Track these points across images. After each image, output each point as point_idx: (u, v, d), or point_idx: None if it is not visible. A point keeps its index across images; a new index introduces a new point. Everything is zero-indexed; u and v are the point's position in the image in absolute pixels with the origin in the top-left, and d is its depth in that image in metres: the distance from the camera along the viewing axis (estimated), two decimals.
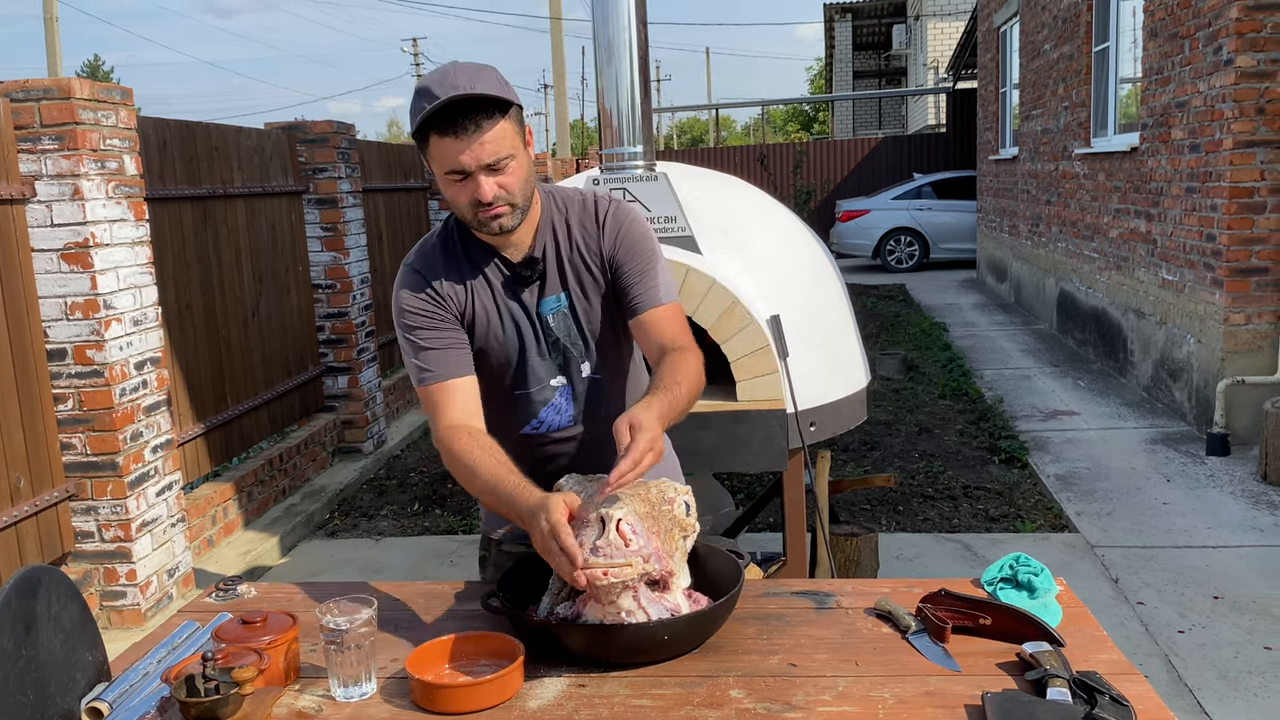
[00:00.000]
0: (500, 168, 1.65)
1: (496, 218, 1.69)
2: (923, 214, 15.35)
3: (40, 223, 3.68)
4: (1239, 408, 5.47)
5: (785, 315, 3.08)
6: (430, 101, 1.60)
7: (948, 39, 21.04)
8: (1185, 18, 5.99)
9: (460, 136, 1.61)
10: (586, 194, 1.88)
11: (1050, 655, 1.46)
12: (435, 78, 1.64)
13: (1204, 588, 3.83)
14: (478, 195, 1.65)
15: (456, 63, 1.68)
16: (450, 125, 1.61)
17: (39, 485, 3.70)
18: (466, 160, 1.63)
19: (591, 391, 1.87)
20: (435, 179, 1.71)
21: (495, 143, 1.63)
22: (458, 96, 1.59)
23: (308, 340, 6.09)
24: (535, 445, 1.88)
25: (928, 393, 7.15)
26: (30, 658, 1.36)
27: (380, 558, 4.64)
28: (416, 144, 1.69)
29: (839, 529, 3.80)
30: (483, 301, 1.80)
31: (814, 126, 49.04)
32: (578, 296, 1.82)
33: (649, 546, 1.51)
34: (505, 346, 1.81)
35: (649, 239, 1.85)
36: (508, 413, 1.86)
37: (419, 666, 1.47)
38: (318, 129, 6.05)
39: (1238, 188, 5.40)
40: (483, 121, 1.61)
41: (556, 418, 1.86)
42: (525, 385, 1.84)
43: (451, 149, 1.62)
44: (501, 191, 1.66)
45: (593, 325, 1.84)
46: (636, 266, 1.81)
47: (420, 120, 1.62)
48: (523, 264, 1.79)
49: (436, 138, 1.63)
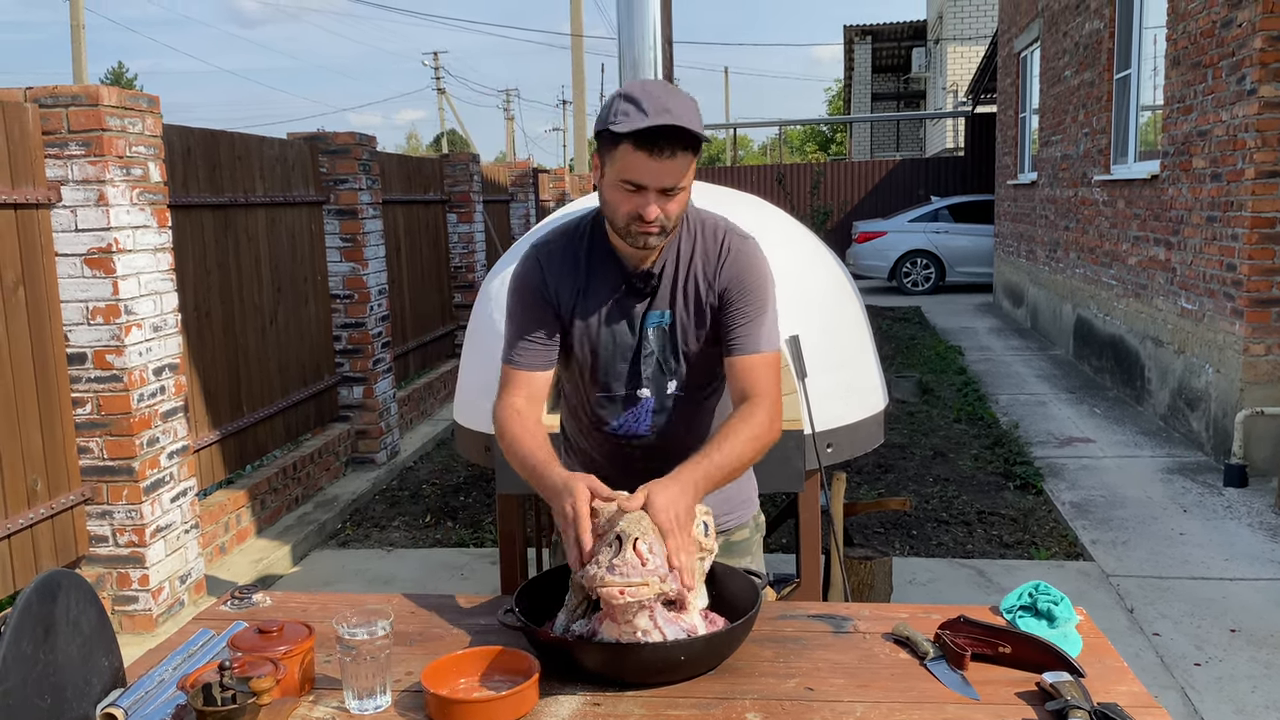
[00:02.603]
0: (672, 195, 1.72)
1: (647, 235, 1.74)
2: (939, 237, 15.33)
3: (65, 227, 3.71)
4: (1258, 439, 5.43)
5: (804, 336, 3.07)
6: (639, 113, 1.66)
7: (967, 63, 21.06)
8: (1208, 46, 5.98)
9: (655, 157, 1.67)
10: (720, 223, 1.91)
11: (1071, 686, 1.44)
12: (645, 91, 1.69)
13: (1221, 620, 3.79)
14: (642, 212, 1.71)
15: (666, 83, 1.76)
16: (650, 143, 1.66)
17: (55, 488, 3.72)
18: (649, 179, 1.69)
19: (674, 407, 1.91)
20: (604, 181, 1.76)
21: (679, 173, 1.70)
22: (672, 125, 1.65)
23: (324, 350, 6.11)
24: (609, 438, 1.94)
25: (943, 416, 7.12)
26: (48, 662, 1.36)
27: (391, 569, 4.64)
28: (600, 139, 1.74)
29: (853, 552, 3.78)
30: (591, 304, 1.86)
31: (831, 148, 49.08)
32: (681, 317, 1.86)
33: (666, 567, 1.50)
34: (602, 350, 1.87)
35: (765, 285, 1.86)
36: (591, 406, 1.92)
37: (434, 680, 1.47)
38: (340, 140, 6.09)
39: (1259, 218, 5.38)
40: (678, 151, 1.68)
41: (635, 425, 1.91)
42: (612, 390, 1.89)
43: (641, 164, 1.68)
44: (662, 215, 1.72)
45: (689, 347, 1.87)
46: (745, 310, 1.83)
47: (623, 129, 1.66)
48: (639, 277, 1.84)
49: (630, 148, 1.67)
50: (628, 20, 3.01)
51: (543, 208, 11.98)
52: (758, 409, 1.78)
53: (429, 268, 8.12)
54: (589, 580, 1.49)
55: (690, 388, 1.90)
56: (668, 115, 1.65)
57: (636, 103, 1.67)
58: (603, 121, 1.72)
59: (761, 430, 1.76)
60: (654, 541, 1.51)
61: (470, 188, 8.62)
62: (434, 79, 44.33)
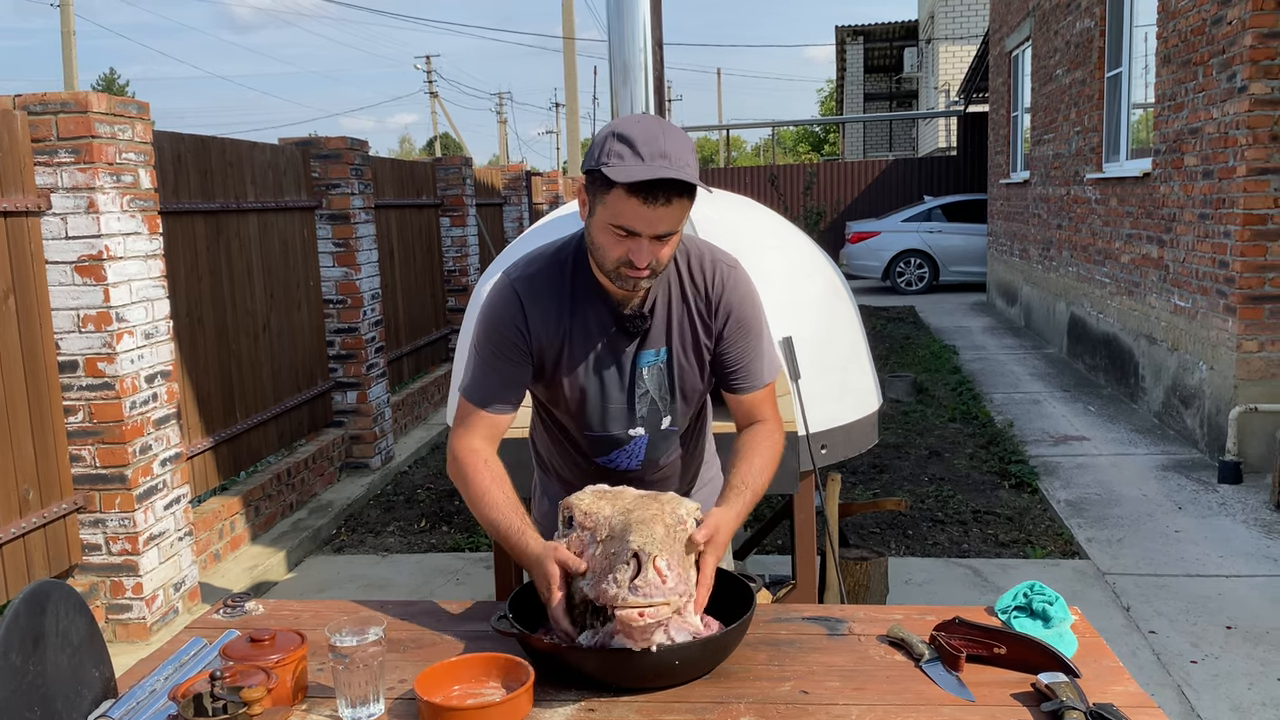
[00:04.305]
0: (665, 240, 1.65)
1: (637, 280, 1.67)
2: (933, 236, 15.35)
3: (55, 235, 3.70)
4: (1251, 435, 5.44)
5: (798, 337, 3.07)
6: (634, 157, 1.57)
7: (959, 62, 21.10)
8: (1198, 44, 5.99)
9: (649, 204, 1.59)
10: (705, 252, 1.84)
11: (1066, 686, 1.44)
12: (643, 133, 1.60)
13: (1217, 617, 3.79)
14: (634, 258, 1.63)
15: (661, 120, 1.65)
16: (645, 190, 1.58)
17: (47, 497, 3.70)
18: (642, 227, 1.61)
19: (667, 441, 1.88)
20: (593, 220, 1.67)
21: (673, 219, 1.62)
22: (670, 179, 1.57)
23: (317, 355, 6.10)
24: (597, 469, 1.89)
25: (937, 416, 7.12)
26: (37, 673, 1.35)
27: (386, 574, 4.63)
28: (588, 178, 1.65)
29: (849, 553, 3.77)
30: (578, 345, 1.77)
31: (824, 148, 49.15)
32: (678, 354, 1.81)
33: (684, 583, 1.50)
34: (590, 394, 1.80)
35: (760, 314, 1.85)
36: (580, 446, 1.87)
37: (427, 688, 1.46)
38: (331, 145, 6.07)
39: (1251, 214, 5.39)
40: (674, 198, 1.60)
41: (627, 461, 1.87)
42: (604, 429, 1.84)
43: (634, 211, 1.60)
44: (654, 260, 1.65)
45: (685, 384, 1.83)
46: (745, 345, 1.82)
47: (618, 179, 1.57)
48: (631, 319, 1.76)
49: (623, 194, 1.59)
50: (618, 22, 3.01)
51: (536, 211, 11.97)
52: (774, 432, 1.85)
53: (422, 272, 8.10)
54: (606, 598, 1.48)
55: (683, 420, 1.88)
56: (664, 162, 1.57)
57: (631, 144, 1.58)
58: (593, 160, 1.62)
59: (779, 453, 1.84)
60: (670, 558, 1.50)
61: (463, 191, 8.61)
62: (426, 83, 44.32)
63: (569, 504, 1.64)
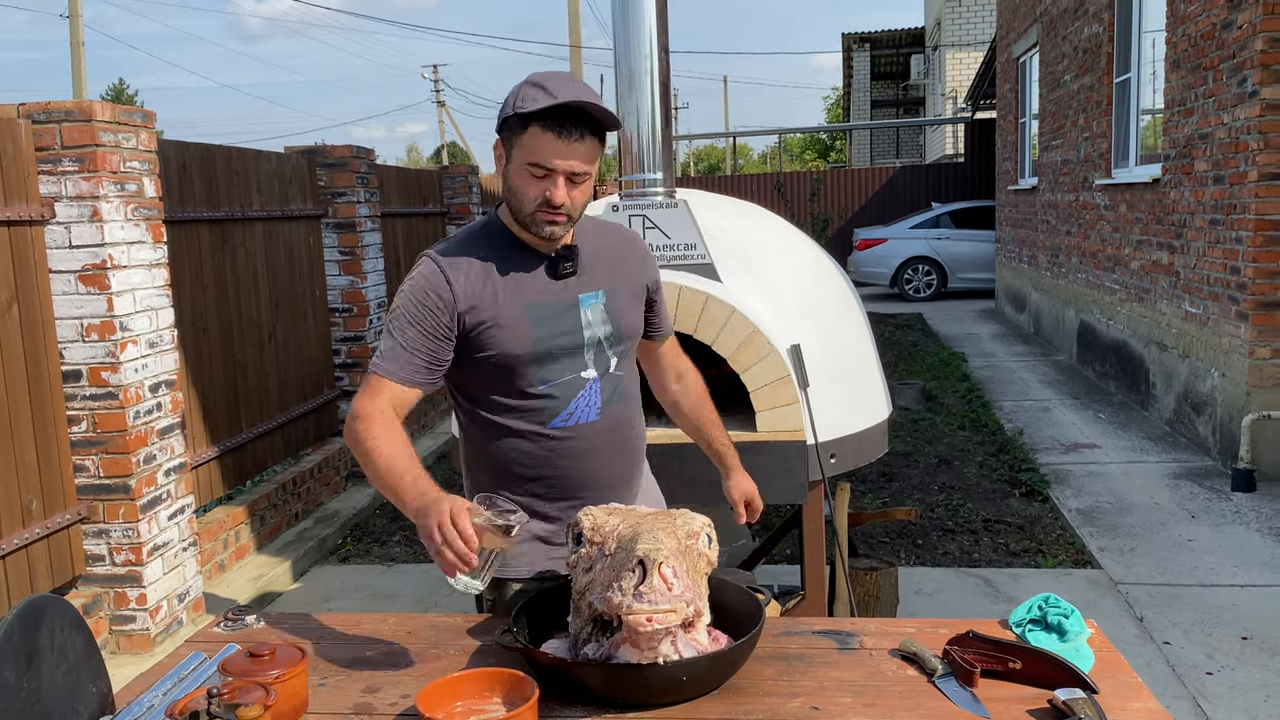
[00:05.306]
0: (578, 181, 1.74)
1: (554, 223, 1.76)
2: (941, 243, 15.30)
3: (59, 244, 3.68)
4: (1265, 443, 5.39)
5: (806, 344, 3.04)
6: (547, 96, 1.67)
7: (966, 69, 21.07)
8: (1208, 49, 5.95)
9: (564, 139, 1.69)
10: (613, 223, 2.07)
11: (1084, 703, 1.40)
12: (555, 80, 1.71)
13: (1232, 628, 3.74)
14: (550, 196, 1.72)
15: (570, 74, 1.78)
16: (559, 125, 1.68)
17: (51, 507, 3.68)
18: (558, 162, 1.70)
19: (615, 387, 1.91)
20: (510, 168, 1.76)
21: (586, 157, 1.73)
22: (584, 104, 1.67)
23: (323, 364, 6.08)
24: (560, 442, 1.86)
25: (947, 423, 7.08)
26: (32, 690, 1.33)
27: (393, 584, 4.60)
28: (506, 126, 1.74)
29: (858, 563, 3.73)
30: (512, 292, 1.81)
31: (831, 155, 49.12)
32: (614, 295, 1.90)
33: (690, 590, 1.46)
34: (537, 335, 1.81)
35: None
36: (537, 411, 1.85)
37: (430, 704, 1.43)
38: (337, 153, 6.07)
39: (1263, 220, 5.34)
40: (587, 134, 1.71)
41: (586, 411, 1.86)
42: (559, 376, 1.84)
43: (550, 146, 1.69)
44: (569, 202, 1.74)
45: (625, 324, 1.91)
46: (661, 299, 2.06)
47: (532, 109, 1.67)
48: (561, 254, 1.83)
49: (539, 129, 1.69)
50: (623, 30, 2.98)
51: None
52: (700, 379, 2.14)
53: None
54: (612, 606, 1.44)
55: (624, 366, 1.93)
56: (576, 96, 1.67)
57: (544, 87, 1.69)
58: (509, 108, 1.72)
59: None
60: (676, 564, 1.47)
61: (469, 199, 8.60)
62: (434, 92, 44.41)
63: (578, 519, 1.60)
